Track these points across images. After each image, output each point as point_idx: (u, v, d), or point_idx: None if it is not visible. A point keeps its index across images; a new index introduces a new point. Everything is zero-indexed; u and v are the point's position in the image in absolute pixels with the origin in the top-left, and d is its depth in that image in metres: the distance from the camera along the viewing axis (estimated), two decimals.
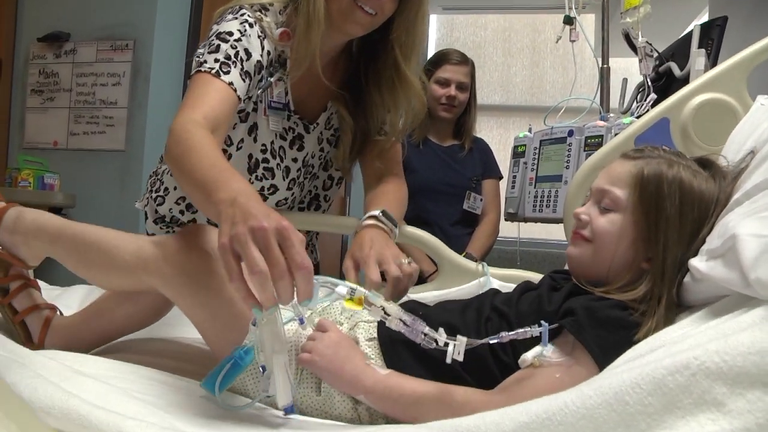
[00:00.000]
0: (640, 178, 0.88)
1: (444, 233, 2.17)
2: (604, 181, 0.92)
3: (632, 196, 0.88)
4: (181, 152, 0.96)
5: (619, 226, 0.88)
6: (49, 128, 3.17)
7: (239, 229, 0.73)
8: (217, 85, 1.11)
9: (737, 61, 1.24)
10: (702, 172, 0.90)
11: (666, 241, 0.84)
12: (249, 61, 1.18)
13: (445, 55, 2.25)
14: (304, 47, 1.21)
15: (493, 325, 0.87)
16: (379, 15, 1.21)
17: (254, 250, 0.71)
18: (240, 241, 0.72)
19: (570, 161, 1.53)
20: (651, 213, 0.86)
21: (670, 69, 1.83)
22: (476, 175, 2.25)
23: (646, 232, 0.86)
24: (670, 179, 0.87)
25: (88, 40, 3.15)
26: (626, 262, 0.87)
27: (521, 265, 3.60)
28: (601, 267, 0.89)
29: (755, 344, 0.45)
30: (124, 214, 2.73)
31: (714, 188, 0.88)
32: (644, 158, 0.91)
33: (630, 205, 0.88)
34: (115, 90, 3.08)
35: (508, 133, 4.77)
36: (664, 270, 0.83)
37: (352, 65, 1.38)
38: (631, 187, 0.89)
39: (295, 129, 1.34)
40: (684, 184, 0.87)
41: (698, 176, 0.88)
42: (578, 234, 0.92)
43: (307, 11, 1.18)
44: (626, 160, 0.93)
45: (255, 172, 1.32)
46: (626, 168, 0.91)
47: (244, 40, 1.18)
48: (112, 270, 0.98)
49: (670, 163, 0.89)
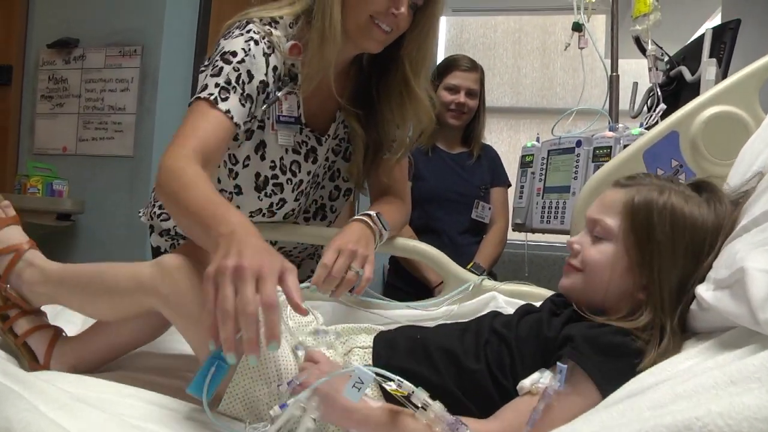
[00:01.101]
0: (631, 207, 0.87)
1: (452, 242, 2.15)
2: (596, 211, 0.92)
3: (623, 224, 0.87)
4: (176, 189, 0.98)
5: (611, 255, 0.87)
6: (58, 134, 3.18)
7: (226, 262, 0.77)
8: (212, 116, 1.12)
9: (749, 73, 1.21)
10: (695, 196, 0.89)
11: (660, 268, 0.83)
12: (251, 84, 1.18)
13: (455, 62, 2.23)
14: (317, 62, 1.20)
15: (492, 349, 0.86)
16: (394, 32, 1.21)
17: (228, 288, 0.75)
18: (220, 276, 0.76)
19: (578, 172, 1.51)
20: (642, 241, 0.85)
21: (681, 73, 1.81)
22: (485, 183, 2.23)
23: (638, 260, 0.85)
24: (661, 206, 0.86)
25: (96, 45, 3.15)
26: (622, 292, 0.86)
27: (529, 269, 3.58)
28: (596, 296, 0.88)
29: (762, 410, 0.43)
30: (132, 219, 2.72)
31: (708, 213, 0.86)
32: (635, 186, 0.90)
33: (621, 234, 0.87)
34: (124, 96, 3.08)
35: (518, 136, 4.74)
36: (662, 299, 0.82)
37: (363, 78, 1.37)
38: (622, 216, 0.88)
39: (308, 142, 1.33)
40: (675, 210, 0.85)
41: (690, 201, 0.87)
42: (569, 264, 0.92)
43: (322, 26, 1.17)
44: (618, 189, 0.92)
45: (264, 189, 1.31)
46: (617, 196, 0.90)
47: (248, 60, 1.17)
48: (114, 297, 0.99)
49: (661, 190, 0.88)
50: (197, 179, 0.99)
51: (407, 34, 1.25)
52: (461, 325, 0.95)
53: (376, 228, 1.21)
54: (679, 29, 3.87)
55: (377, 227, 1.22)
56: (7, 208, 1.12)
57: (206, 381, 0.78)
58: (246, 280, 0.75)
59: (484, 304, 1.25)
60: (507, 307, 1.24)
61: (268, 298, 0.74)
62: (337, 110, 1.37)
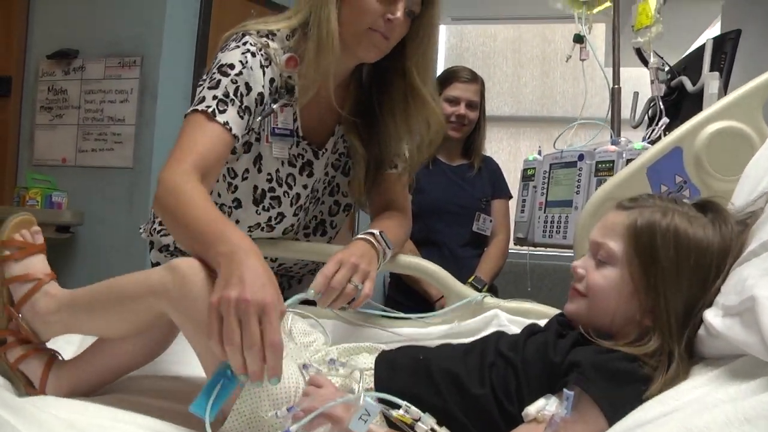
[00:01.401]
0: (633, 230, 0.86)
1: (453, 255, 2.14)
2: (599, 234, 0.91)
3: (627, 248, 0.86)
4: (175, 205, 1.01)
5: (615, 280, 0.86)
6: (57, 145, 3.17)
7: (228, 293, 0.80)
8: (210, 129, 1.12)
9: (753, 88, 1.20)
10: (700, 217, 0.87)
11: (665, 293, 0.82)
12: (249, 96, 1.18)
13: (455, 73, 2.22)
14: (313, 72, 1.20)
15: (498, 372, 0.85)
16: (391, 39, 1.21)
17: (234, 321, 0.79)
18: (224, 307, 0.80)
19: (581, 186, 1.50)
20: (646, 265, 0.84)
21: (682, 83, 1.80)
22: (486, 195, 2.22)
23: (643, 285, 0.84)
24: (664, 228, 0.84)
25: (96, 56, 3.15)
26: (628, 317, 0.85)
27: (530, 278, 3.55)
28: (601, 322, 0.86)
29: None
30: (132, 231, 2.70)
31: (713, 234, 0.85)
32: (638, 208, 0.89)
33: (625, 258, 0.86)
34: (123, 107, 3.07)
35: (519, 145, 4.73)
36: (669, 324, 0.81)
37: (363, 93, 1.36)
38: (625, 239, 0.86)
39: (304, 155, 1.32)
40: (679, 232, 0.84)
41: (695, 223, 0.85)
42: (574, 289, 0.91)
43: (318, 36, 1.17)
44: (620, 211, 0.91)
45: (261, 203, 1.30)
46: (620, 219, 0.89)
47: (245, 73, 1.17)
48: (124, 304, 0.97)
49: (665, 212, 0.86)
50: (196, 195, 1.01)
51: (408, 44, 1.25)
52: (465, 347, 0.93)
53: (380, 247, 1.20)
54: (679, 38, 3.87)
55: (381, 246, 1.20)
56: (36, 234, 1.11)
57: (210, 400, 0.77)
58: (250, 316, 0.79)
59: (486, 322, 1.23)
60: (510, 326, 1.22)
61: (272, 339, 0.78)
62: (337, 124, 1.36)
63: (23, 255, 1.07)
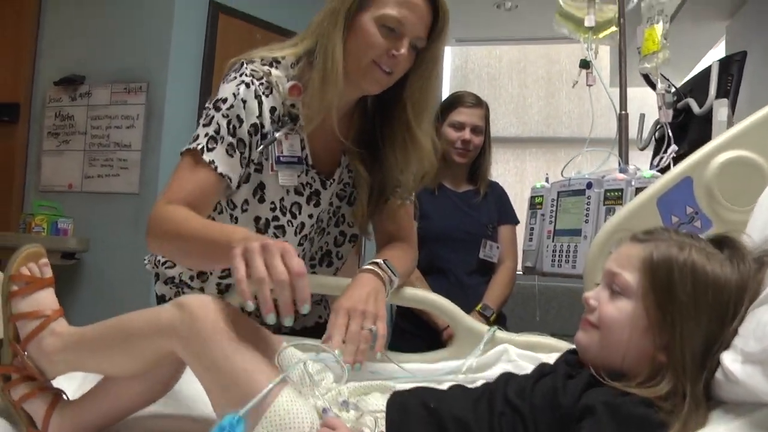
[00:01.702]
0: (650, 263, 0.84)
1: (460, 282, 2.11)
2: (615, 264, 0.89)
3: (642, 281, 0.84)
4: (172, 228, 1.07)
5: (629, 312, 0.84)
6: (64, 171, 3.19)
7: (251, 245, 0.88)
8: (198, 168, 1.16)
9: (763, 116, 1.18)
10: (717, 253, 0.85)
11: (682, 330, 0.79)
12: (241, 128, 1.19)
13: (459, 98, 2.21)
14: (318, 103, 1.19)
15: (507, 421, 0.82)
16: (395, 73, 1.21)
17: (259, 260, 0.86)
18: (249, 251, 0.87)
19: (589, 215, 1.48)
20: (663, 300, 0.82)
21: (689, 105, 1.79)
22: (492, 221, 2.19)
23: (659, 320, 0.81)
24: (681, 263, 0.82)
25: (102, 82, 3.17)
26: (641, 353, 0.83)
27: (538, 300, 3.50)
28: (613, 357, 0.84)
29: None
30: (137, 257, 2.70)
31: (731, 271, 0.82)
32: (653, 241, 0.87)
33: (641, 291, 0.84)
34: (129, 132, 3.09)
35: (524, 165, 4.72)
36: (684, 362, 0.78)
37: (367, 122, 1.36)
38: (641, 272, 0.84)
39: (312, 184, 1.31)
40: (696, 268, 0.82)
41: (712, 259, 0.83)
42: (586, 320, 0.89)
43: (324, 67, 1.17)
44: (635, 243, 0.89)
45: (265, 233, 1.29)
46: (635, 251, 0.87)
47: (236, 105, 1.18)
48: (131, 343, 0.95)
49: (681, 246, 0.84)
50: (186, 214, 1.09)
51: (410, 76, 1.24)
52: (475, 393, 0.91)
53: (386, 276, 1.19)
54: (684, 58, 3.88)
55: (387, 275, 1.19)
56: (45, 266, 1.10)
57: None
58: (274, 254, 0.86)
59: (495, 357, 1.21)
60: (519, 360, 1.20)
61: (298, 267, 0.86)
62: (342, 154, 1.35)
63: (31, 290, 1.06)
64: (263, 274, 0.85)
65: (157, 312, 0.94)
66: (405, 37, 1.17)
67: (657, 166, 1.51)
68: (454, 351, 1.28)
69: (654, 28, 1.67)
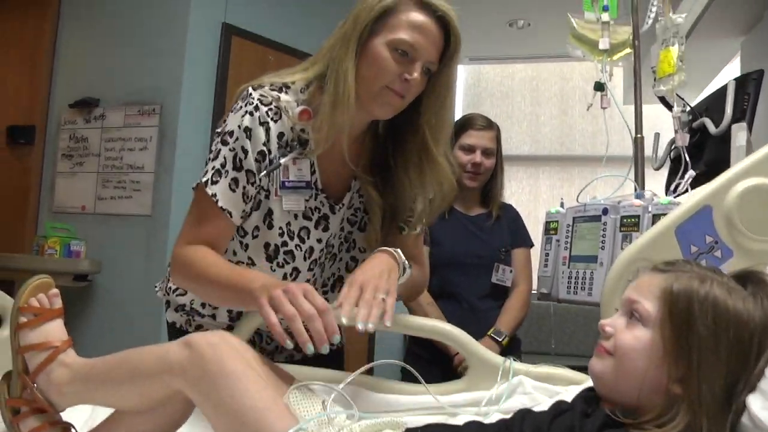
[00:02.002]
0: (669, 293, 0.83)
1: (472, 308, 2.07)
2: (634, 292, 0.88)
3: (661, 310, 0.82)
4: (194, 274, 1.15)
5: (645, 342, 0.82)
6: (77, 192, 3.21)
7: (274, 292, 0.97)
8: (206, 202, 1.20)
9: None
10: (740, 289, 0.83)
11: (699, 364, 0.78)
12: (247, 159, 1.19)
13: (470, 121, 2.18)
14: (328, 128, 1.18)
15: None
16: (406, 98, 1.20)
17: (287, 304, 0.96)
18: (275, 298, 0.97)
19: (606, 242, 1.45)
20: (681, 332, 0.80)
21: (704, 125, 1.76)
22: (505, 245, 2.15)
23: (675, 352, 0.80)
24: (702, 297, 0.81)
25: (116, 105, 3.19)
26: (656, 384, 0.81)
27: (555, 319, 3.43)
28: (628, 386, 0.82)
29: None
30: (148, 279, 2.70)
31: (755, 308, 0.80)
32: (674, 272, 0.85)
33: (659, 321, 0.82)
34: (142, 154, 3.10)
35: (538, 184, 4.69)
36: (700, 397, 0.76)
37: (379, 146, 1.34)
38: (661, 301, 0.83)
39: (321, 209, 1.30)
40: (718, 302, 0.80)
41: (734, 294, 0.81)
42: (601, 346, 0.87)
43: (335, 93, 1.16)
44: (656, 273, 0.88)
45: (275, 259, 1.28)
46: (655, 281, 0.86)
47: (240, 137, 1.19)
48: (140, 380, 0.96)
49: (702, 279, 0.83)
50: (210, 258, 1.16)
51: (424, 100, 1.23)
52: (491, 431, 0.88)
53: (400, 260, 1.22)
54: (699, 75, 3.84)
55: (401, 260, 1.22)
56: (54, 297, 1.10)
57: None
58: (297, 295, 0.96)
59: (511, 390, 1.18)
60: (534, 393, 1.18)
61: (321, 305, 0.96)
62: (353, 178, 1.34)
63: (40, 321, 1.06)
64: (293, 312, 0.94)
65: (166, 350, 0.94)
66: (418, 62, 1.17)
67: (674, 191, 1.48)
68: (468, 382, 1.26)
69: (669, 51, 1.64)
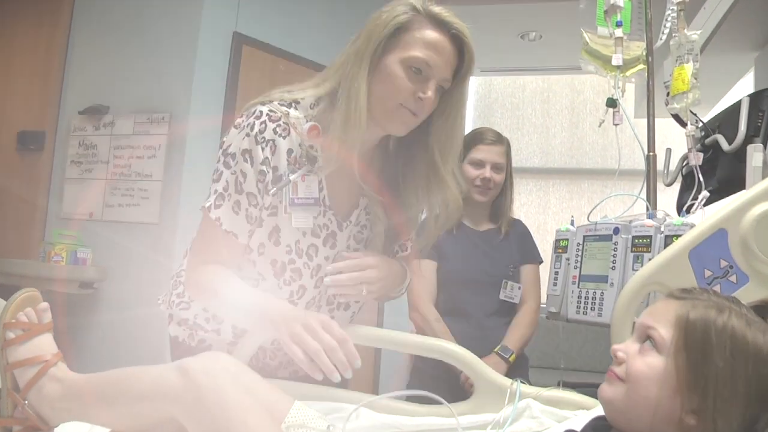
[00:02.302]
0: (685, 321, 0.80)
1: (479, 325, 2.04)
2: (649, 317, 0.85)
3: (676, 338, 0.79)
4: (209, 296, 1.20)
5: (658, 369, 0.79)
6: (85, 199, 3.20)
7: (295, 330, 1.03)
8: (212, 224, 1.20)
9: None
10: (760, 321, 0.80)
11: (716, 397, 0.75)
12: (247, 182, 1.19)
13: (480, 135, 2.15)
14: (339, 145, 1.17)
15: None
16: (420, 116, 1.19)
17: (309, 339, 1.02)
18: (297, 335, 1.03)
19: (616, 262, 1.42)
20: (696, 362, 0.77)
21: (717, 141, 1.73)
22: (513, 262, 2.11)
23: (690, 382, 0.77)
24: (720, 327, 0.78)
25: (126, 112, 3.19)
26: (668, 415, 0.78)
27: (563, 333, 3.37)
28: (638, 415, 0.80)
29: None
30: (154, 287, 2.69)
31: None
32: (691, 300, 0.83)
33: (673, 348, 0.79)
34: (151, 162, 3.09)
35: (548, 197, 4.65)
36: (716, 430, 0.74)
37: (388, 162, 1.33)
38: (676, 329, 0.80)
39: (329, 226, 1.28)
40: (736, 333, 0.77)
41: (754, 326, 0.79)
42: (612, 372, 0.85)
43: (347, 110, 1.14)
44: (671, 300, 0.85)
45: (282, 276, 1.26)
46: (671, 307, 0.83)
47: (239, 161, 1.18)
48: (134, 403, 0.95)
49: (720, 309, 0.80)
50: (221, 281, 1.18)
51: (435, 119, 1.22)
52: None
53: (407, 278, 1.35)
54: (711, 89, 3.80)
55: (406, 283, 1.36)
56: (43, 312, 1.09)
57: None
58: (318, 331, 1.03)
59: (518, 413, 1.16)
60: (542, 417, 1.16)
61: (340, 335, 1.03)
62: (361, 196, 1.32)
63: (28, 337, 1.04)
64: (317, 347, 1.01)
65: (161, 375, 0.93)
66: (432, 80, 1.16)
67: (687, 212, 1.45)
68: (474, 404, 1.24)
69: (684, 68, 1.62)
